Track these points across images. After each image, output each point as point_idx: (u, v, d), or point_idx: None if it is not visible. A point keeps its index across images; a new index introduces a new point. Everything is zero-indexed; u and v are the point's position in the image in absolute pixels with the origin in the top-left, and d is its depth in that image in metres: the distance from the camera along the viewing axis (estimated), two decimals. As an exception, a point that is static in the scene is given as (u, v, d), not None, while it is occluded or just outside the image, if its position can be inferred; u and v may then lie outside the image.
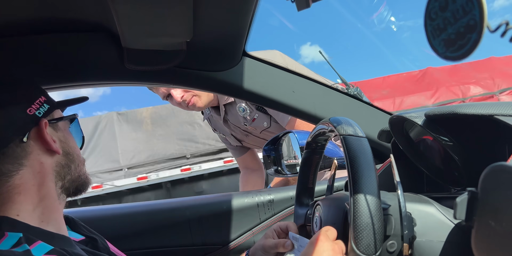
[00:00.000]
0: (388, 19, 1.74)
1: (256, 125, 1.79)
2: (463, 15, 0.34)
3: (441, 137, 0.75)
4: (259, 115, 1.76)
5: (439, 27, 0.37)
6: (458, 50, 0.35)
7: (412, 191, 0.79)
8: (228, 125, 1.93)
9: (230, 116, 1.86)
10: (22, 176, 0.70)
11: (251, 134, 1.91)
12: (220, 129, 2.04)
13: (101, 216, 1.23)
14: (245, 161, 2.18)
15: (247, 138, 1.97)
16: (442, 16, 0.37)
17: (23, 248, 0.60)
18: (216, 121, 2.00)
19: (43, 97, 0.77)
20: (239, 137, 1.99)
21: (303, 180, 0.92)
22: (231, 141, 2.06)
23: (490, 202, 0.44)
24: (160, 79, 1.13)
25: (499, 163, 0.43)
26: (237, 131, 1.94)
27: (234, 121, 1.87)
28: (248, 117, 1.78)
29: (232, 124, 1.90)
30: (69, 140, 0.81)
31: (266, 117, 1.76)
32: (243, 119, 1.80)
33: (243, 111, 1.77)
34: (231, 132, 1.98)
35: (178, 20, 0.82)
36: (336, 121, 0.71)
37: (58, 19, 0.89)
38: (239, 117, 1.81)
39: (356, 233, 0.57)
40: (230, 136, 2.02)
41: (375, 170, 0.61)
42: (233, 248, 1.23)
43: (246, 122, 1.81)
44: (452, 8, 0.35)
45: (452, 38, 0.35)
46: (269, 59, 1.53)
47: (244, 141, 2.03)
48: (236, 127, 1.91)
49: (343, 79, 1.53)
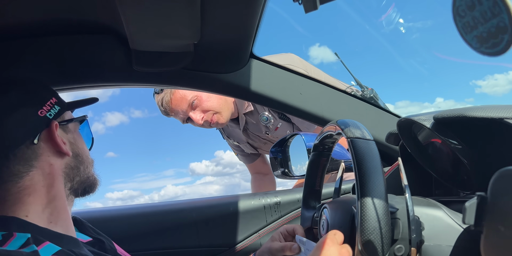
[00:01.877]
0: (396, 21, 1.73)
1: (278, 134, 1.77)
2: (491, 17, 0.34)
3: (450, 140, 0.75)
4: (282, 123, 1.74)
5: (469, 25, 0.36)
6: (493, 47, 0.34)
7: (421, 194, 0.78)
8: (247, 134, 1.90)
9: (250, 125, 1.83)
10: (32, 178, 0.71)
11: (270, 142, 1.89)
12: (235, 137, 2.01)
13: (108, 217, 1.23)
14: (256, 167, 2.17)
15: (265, 146, 1.94)
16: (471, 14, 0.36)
17: (31, 248, 0.61)
18: (231, 130, 1.97)
19: (54, 98, 0.77)
20: (256, 145, 1.97)
21: (310, 182, 0.91)
22: (245, 148, 2.04)
23: (499, 207, 0.43)
24: (168, 81, 1.13)
25: (509, 167, 0.42)
26: (256, 140, 1.91)
27: (254, 130, 1.84)
28: (271, 126, 1.76)
29: (252, 133, 1.87)
30: (79, 141, 0.82)
31: (289, 125, 1.74)
32: (265, 128, 1.78)
33: (266, 120, 1.74)
34: (247, 140, 1.95)
35: (186, 22, 0.82)
36: (343, 124, 0.70)
37: (67, 21, 0.89)
38: (261, 126, 1.78)
39: (363, 237, 0.56)
40: (246, 144, 1.99)
41: (383, 173, 0.60)
42: (239, 250, 1.23)
43: (268, 131, 1.78)
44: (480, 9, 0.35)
45: (484, 36, 0.35)
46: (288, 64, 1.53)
47: (260, 149, 2.01)
48: (256, 135, 1.88)
49: (357, 81, 1.51)
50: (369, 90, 1.43)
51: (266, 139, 1.88)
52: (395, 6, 1.60)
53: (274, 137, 1.81)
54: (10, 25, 0.87)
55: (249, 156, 2.11)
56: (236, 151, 2.15)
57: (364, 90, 1.45)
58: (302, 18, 2.25)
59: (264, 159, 2.16)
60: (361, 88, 1.48)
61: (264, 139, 1.88)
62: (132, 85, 1.13)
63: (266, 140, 1.89)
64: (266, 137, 1.86)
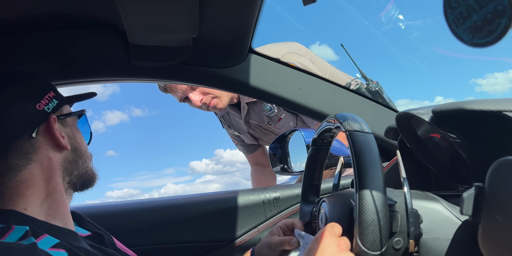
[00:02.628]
0: (396, 18, 1.72)
1: (281, 125, 1.76)
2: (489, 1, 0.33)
3: (449, 134, 0.75)
4: (285, 114, 1.72)
5: (462, 15, 0.36)
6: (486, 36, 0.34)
7: (419, 188, 0.78)
8: (248, 124, 1.88)
9: (252, 115, 1.81)
10: (30, 171, 0.71)
11: (272, 133, 1.88)
12: (235, 127, 1.99)
13: (108, 212, 1.23)
14: (256, 158, 2.15)
15: (266, 137, 1.93)
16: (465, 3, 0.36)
17: (30, 241, 0.61)
18: (232, 119, 1.95)
19: (52, 92, 0.77)
20: (258, 135, 1.95)
21: (309, 177, 0.91)
22: (245, 139, 2.02)
23: (497, 197, 0.43)
24: (167, 75, 1.13)
25: (507, 157, 0.42)
26: (257, 130, 1.90)
27: (256, 120, 1.82)
28: (274, 116, 1.74)
29: (254, 122, 1.86)
30: (77, 135, 0.82)
31: (292, 117, 1.72)
32: (267, 118, 1.76)
33: (269, 110, 1.72)
34: (249, 130, 1.94)
35: (184, 16, 0.82)
36: (342, 117, 0.70)
37: (65, 15, 0.89)
38: (263, 116, 1.76)
39: (361, 229, 0.56)
40: (247, 134, 1.98)
41: (381, 166, 0.60)
42: (239, 245, 1.23)
43: (270, 121, 1.77)
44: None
45: (479, 24, 0.34)
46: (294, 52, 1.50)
47: (261, 140, 1.98)
48: (258, 126, 1.86)
49: (363, 73, 1.49)
50: (374, 83, 1.42)
51: (268, 130, 1.87)
52: (394, 2, 1.59)
53: (276, 128, 1.80)
54: (9, 19, 0.86)
55: (248, 146, 2.09)
56: (236, 141, 2.13)
57: (369, 83, 1.44)
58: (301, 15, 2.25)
59: (264, 150, 2.14)
60: (366, 81, 1.47)
61: (266, 130, 1.87)
62: (131, 80, 1.13)
63: (268, 131, 1.87)
64: (268, 128, 1.84)
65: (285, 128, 1.75)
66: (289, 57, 1.54)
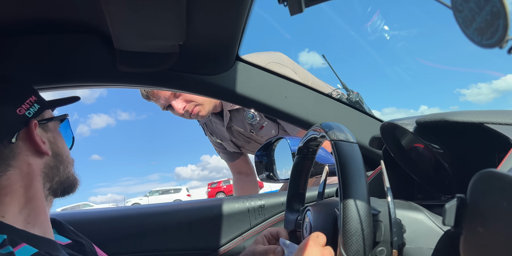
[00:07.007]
0: (381, 28, 1.75)
1: (263, 133, 1.75)
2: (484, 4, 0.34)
3: (432, 144, 0.76)
4: (267, 122, 1.72)
5: (468, 18, 0.37)
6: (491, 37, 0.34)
7: (403, 198, 0.79)
8: (230, 131, 1.88)
9: (234, 122, 1.81)
10: (9, 177, 0.69)
11: (254, 142, 1.88)
12: (218, 134, 1.99)
13: (90, 219, 1.21)
14: (238, 166, 2.15)
15: (248, 145, 1.93)
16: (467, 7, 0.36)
17: (7, 250, 0.59)
18: (215, 126, 1.95)
19: (34, 96, 0.76)
20: (240, 143, 1.95)
21: (294, 185, 0.91)
22: (228, 147, 2.02)
23: (479, 209, 0.44)
24: (152, 81, 1.12)
25: (488, 169, 0.43)
26: (240, 138, 1.89)
27: (238, 127, 1.83)
28: (256, 124, 1.74)
29: (236, 130, 1.85)
30: (59, 140, 0.80)
31: (274, 125, 1.73)
32: (249, 126, 1.76)
33: (251, 118, 1.72)
34: (231, 138, 1.93)
35: (171, 23, 0.81)
36: (327, 127, 0.70)
37: (51, 20, 0.88)
38: (246, 124, 1.76)
39: (345, 239, 0.56)
40: (229, 142, 1.97)
41: (366, 176, 0.61)
42: (223, 253, 1.22)
43: (253, 129, 1.77)
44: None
45: (483, 26, 0.35)
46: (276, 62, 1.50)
47: (243, 148, 1.99)
48: (240, 133, 1.86)
49: (344, 84, 1.51)
50: (355, 94, 1.44)
51: (250, 138, 1.87)
52: (380, 13, 1.62)
53: (258, 136, 1.80)
54: (-8, 22, 0.85)
55: (231, 154, 2.08)
56: (218, 149, 2.13)
57: (349, 93, 1.46)
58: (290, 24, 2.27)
59: (247, 159, 2.14)
60: (347, 92, 1.49)
61: (248, 138, 1.87)
62: (116, 86, 1.12)
63: (250, 139, 1.87)
64: (251, 136, 1.84)
65: (267, 136, 1.75)
66: (272, 66, 1.54)
